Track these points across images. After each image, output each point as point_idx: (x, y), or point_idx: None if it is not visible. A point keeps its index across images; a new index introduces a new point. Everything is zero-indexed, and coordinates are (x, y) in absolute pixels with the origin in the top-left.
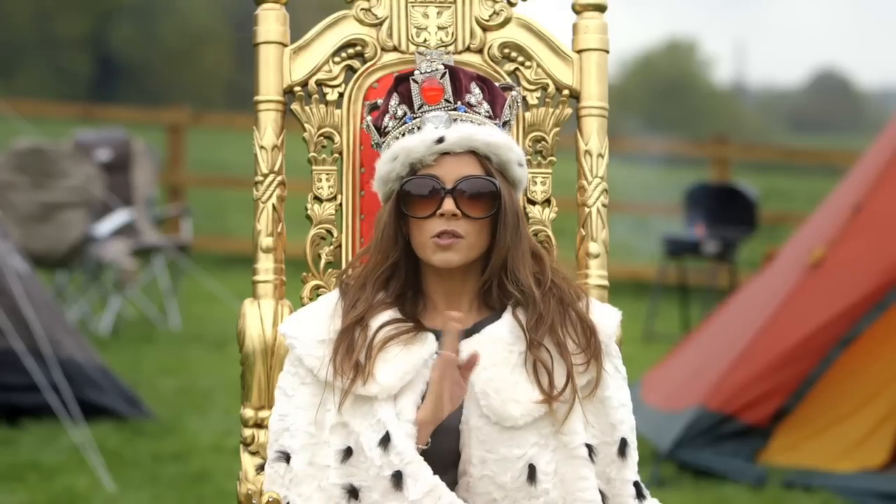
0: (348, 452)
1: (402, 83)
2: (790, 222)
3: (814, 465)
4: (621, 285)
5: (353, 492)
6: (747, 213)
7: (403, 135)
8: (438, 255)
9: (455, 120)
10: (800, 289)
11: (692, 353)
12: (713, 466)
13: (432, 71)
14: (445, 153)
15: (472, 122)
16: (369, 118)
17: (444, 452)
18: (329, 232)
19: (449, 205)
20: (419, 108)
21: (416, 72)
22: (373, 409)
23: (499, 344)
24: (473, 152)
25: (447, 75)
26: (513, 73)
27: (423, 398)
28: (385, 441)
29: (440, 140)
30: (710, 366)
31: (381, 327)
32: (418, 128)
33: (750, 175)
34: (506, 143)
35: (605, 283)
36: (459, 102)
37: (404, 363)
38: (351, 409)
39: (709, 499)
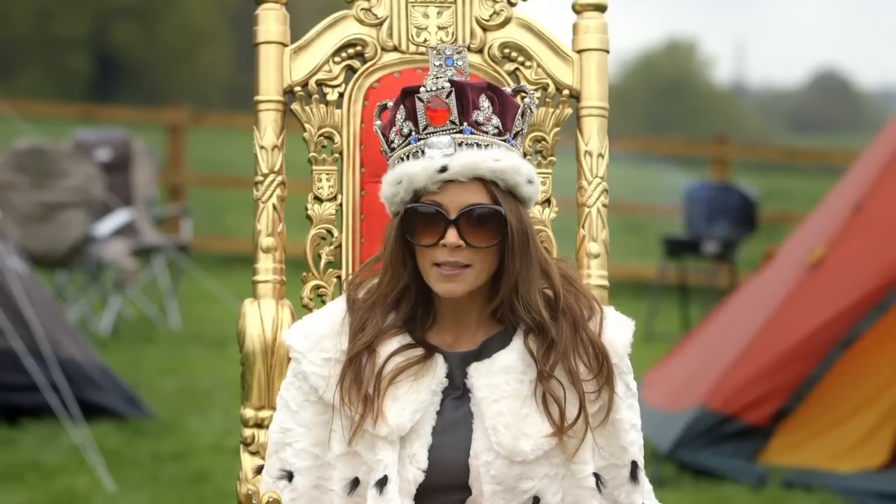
0: (356, 483)
1: (408, 97)
2: (790, 222)
3: (814, 465)
4: (621, 285)
5: None
6: (747, 213)
7: (408, 157)
8: (442, 286)
9: (460, 144)
10: (800, 289)
11: (692, 353)
12: (713, 466)
13: (438, 90)
14: (450, 180)
15: (477, 144)
16: (378, 123)
17: (449, 485)
18: (329, 232)
19: (452, 237)
20: (424, 129)
21: (422, 88)
22: (376, 447)
23: (510, 374)
24: (479, 178)
25: (453, 94)
26: (513, 73)
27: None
28: (381, 484)
29: (443, 169)
30: (710, 366)
31: (389, 357)
32: (422, 151)
33: (750, 175)
34: (512, 167)
35: (605, 283)
36: (465, 123)
37: (414, 401)
38: (359, 440)
39: (709, 499)
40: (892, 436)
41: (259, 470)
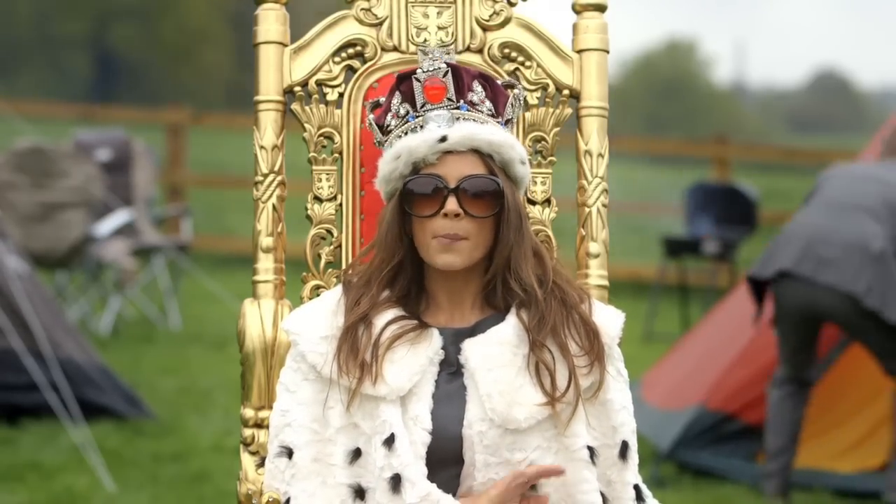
0: (357, 453)
1: (404, 81)
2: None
3: (814, 465)
4: (621, 285)
5: (359, 492)
6: (747, 213)
7: (406, 133)
8: (441, 258)
9: (458, 118)
10: None
11: (692, 352)
12: (713, 466)
13: (434, 69)
14: (448, 152)
15: (474, 120)
16: (371, 116)
17: (445, 457)
18: (329, 232)
19: (452, 204)
20: (422, 107)
21: (419, 70)
22: (378, 410)
23: (505, 346)
24: (476, 151)
25: (449, 74)
26: (513, 73)
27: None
28: (389, 442)
29: (443, 139)
30: (710, 365)
31: (386, 326)
32: (421, 126)
33: (750, 175)
34: (508, 142)
35: (605, 283)
36: (462, 101)
37: (412, 364)
38: (357, 409)
39: (709, 499)
40: (892, 436)
41: (259, 466)
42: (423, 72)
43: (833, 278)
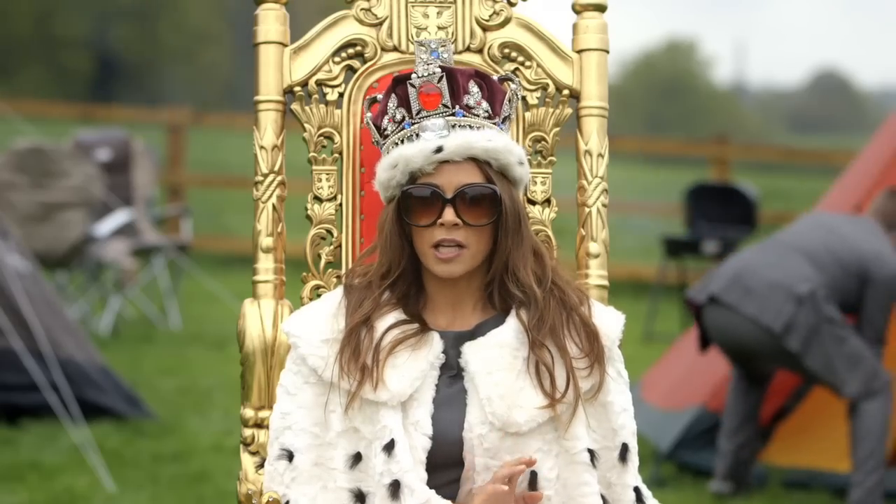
0: (357, 458)
1: (399, 85)
2: (790, 222)
3: (814, 465)
4: (621, 285)
5: (360, 497)
6: (747, 213)
7: (402, 141)
8: (441, 268)
9: (454, 126)
10: None
11: (692, 352)
12: (713, 466)
13: (429, 75)
14: (444, 161)
15: (470, 126)
16: (369, 114)
17: (445, 461)
18: (329, 232)
19: (449, 215)
20: (417, 114)
21: (414, 75)
22: (378, 415)
23: (504, 349)
24: (472, 158)
25: (444, 79)
26: (513, 73)
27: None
28: (389, 448)
29: (438, 149)
30: (710, 365)
31: (387, 330)
32: (416, 135)
33: (750, 175)
34: (505, 147)
35: (605, 283)
36: (457, 106)
37: (413, 369)
38: (358, 413)
39: (709, 499)
40: (892, 435)
41: (259, 468)
42: (419, 77)
43: (753, 310)
